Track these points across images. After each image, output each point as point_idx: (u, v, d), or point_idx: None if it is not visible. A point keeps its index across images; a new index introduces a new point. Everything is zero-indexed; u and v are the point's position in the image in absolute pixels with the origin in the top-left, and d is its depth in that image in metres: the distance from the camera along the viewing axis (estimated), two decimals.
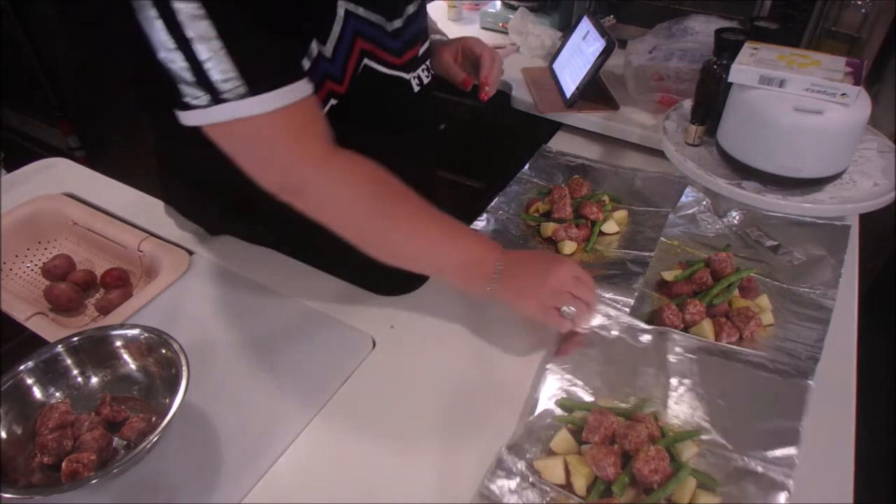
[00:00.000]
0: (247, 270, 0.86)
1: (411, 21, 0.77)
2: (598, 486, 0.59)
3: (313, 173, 0.62)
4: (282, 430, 0.65)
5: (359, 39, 0.71)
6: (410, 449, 0.64)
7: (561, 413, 0.66)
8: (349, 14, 0.68)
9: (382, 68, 0.75)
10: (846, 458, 0.62)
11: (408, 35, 0.78)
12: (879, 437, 1.39)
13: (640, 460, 0.58)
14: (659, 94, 1.20)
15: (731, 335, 0.73)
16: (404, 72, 0.79)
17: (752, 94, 0.87)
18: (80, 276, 0.89)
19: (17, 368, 0.64)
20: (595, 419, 0.62)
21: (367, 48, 0.72)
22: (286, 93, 0.58)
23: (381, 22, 0.72)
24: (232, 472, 0.62)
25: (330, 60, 0.69)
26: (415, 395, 0.69)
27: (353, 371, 0.72)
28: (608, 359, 0.71)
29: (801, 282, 0.83)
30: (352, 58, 0.71)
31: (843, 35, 1.19)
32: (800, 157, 0.86)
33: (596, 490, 0.59)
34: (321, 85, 0.70)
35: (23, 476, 0.59)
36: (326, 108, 0.72)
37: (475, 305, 0.79)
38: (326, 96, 0.72)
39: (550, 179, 1.05)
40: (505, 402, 0.68)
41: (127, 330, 0.69)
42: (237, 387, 0.70)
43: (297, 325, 0.77)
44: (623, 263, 0.85)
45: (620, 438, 0.61)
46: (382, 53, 0.74)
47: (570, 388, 0.68)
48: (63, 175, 1.08)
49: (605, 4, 1.43)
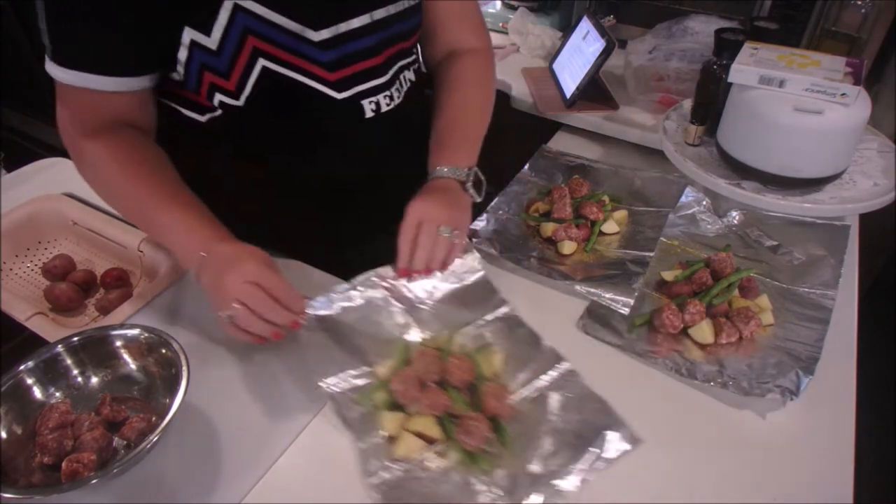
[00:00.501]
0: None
1: (355, 36, 0.72)
2: (446, 423, 0.61)
3: (69, 145, 0.73)
4: (282, 430, 0.65)
5: (251, 37, 0.66)
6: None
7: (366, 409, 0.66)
8: (238, 7, 0.65)
9: (299, 76, 0.71)
10: (846, 458, 0.62)
11: (348, 49, 0.72)
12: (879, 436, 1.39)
13: (451, 371, 0.65)
14: (659, 94, 1.20)
15: (731, 335, 0.73)
16: (335, 90, 0.73)
17: (751, 94, 0.87)
18: (80, 276, 0.89)
19: (17, 368, 0.64)
20: (397, 384, 0.65)
21: (265, 49, 0.68)
22: (77, 75, 0.65)
23: (294, 28, 0.68)
24: (232, 472, 0.62)
25: (214, 53, 0.66)
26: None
27: None
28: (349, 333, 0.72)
29: (801, 282, 0.83)
30: (241, 55, 0.67)
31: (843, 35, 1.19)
32: (800, 157, 0.86)
33: (448, 426, 0.61)
34: (200, 76, 0.68)
35: (23, 476, 0.59)
36: (216, 103, 0.71)
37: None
38: (210, 89, 0.70)
39: (550, 179, 1.05)
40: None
41: (127, 330, 0.69)
42: (237, 387, 0.70)
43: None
44: (623, 263, 0.85)
45: (422, 375, 0.66)
46: (297, 60, 0.70)
47: (354, 382, 0.68)
48: (63, 175, 1.08)
49: (605, 4, 1.43)
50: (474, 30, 0.89)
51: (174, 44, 0.66)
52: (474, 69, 0.88)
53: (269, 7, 0.66)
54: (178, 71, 0.68)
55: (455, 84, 0.86)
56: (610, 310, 0.79)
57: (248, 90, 0.70)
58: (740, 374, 0.70)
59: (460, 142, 0.82)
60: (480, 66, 0.89)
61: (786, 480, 0.61)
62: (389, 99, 0.79)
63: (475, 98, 0.86)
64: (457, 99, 0.85)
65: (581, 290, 0.81)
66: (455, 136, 0.83)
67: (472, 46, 0.88)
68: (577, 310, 0.80)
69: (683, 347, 0.74)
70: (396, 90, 0.80)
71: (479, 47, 0.89)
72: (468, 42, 0.88)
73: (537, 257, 0.87)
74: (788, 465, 0.62)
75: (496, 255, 0.87)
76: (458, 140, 0.82)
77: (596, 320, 0.78)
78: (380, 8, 0.73)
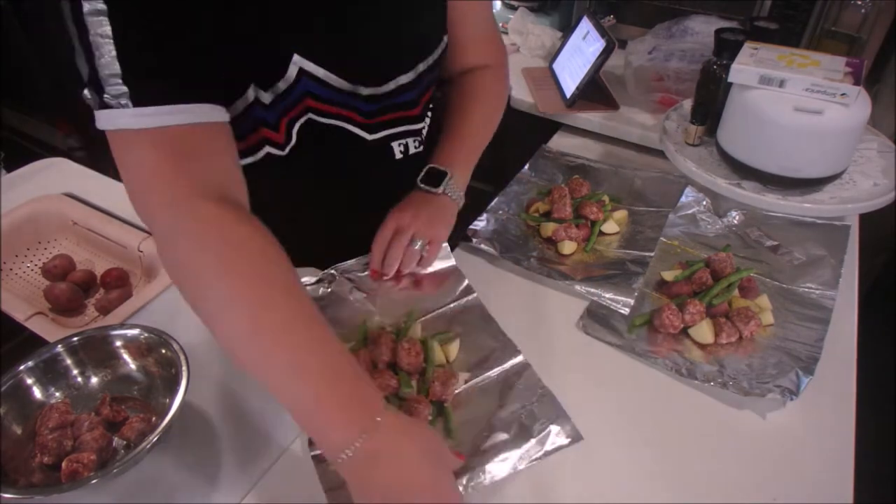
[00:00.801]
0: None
1: (401, 91, 0.73)
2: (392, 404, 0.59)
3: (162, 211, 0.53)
4: (282, 430, 0.65)
5: (308, 98, 0.68)
6: None
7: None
8: (303, 72, 0.65)
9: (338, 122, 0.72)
10: (846, 458, 0.62)
11: (392, 101, 0.74)
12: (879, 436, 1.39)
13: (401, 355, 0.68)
14: (659, 94, 1.20)
15: (731, 335, 0.73)
16: (367, 132, 0.75)
17: (752, 94, 0.87)
18: (80, 276, 0.89)
19: (17, 368, 0.64)
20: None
21: (317, 106, 0.69)
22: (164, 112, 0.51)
23: (346, 87, 0.69)
24: (232, 472, 0.62)
25: (267, 107, 0.65)
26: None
27: None
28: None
29: (801, 282, 0.83)
30: (293, 111, 0.68)
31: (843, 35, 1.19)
32: (800, 157, 0.86)
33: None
34: (254, 129, 0.67)
35: (23, 476, 0.59)
36: (261, 155, 0.70)
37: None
38: (259, 142, 0.69)
39: (550, 179, 1.05)
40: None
41: (127, 330, 0.69)
42: (237, 387, 0.70)
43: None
44: (623, 263, 0.85)
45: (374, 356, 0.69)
46: (341, 111, 0.71)
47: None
48: (63, 175, 1.09)
49: (605, 4, 1.43)
50: (491, 48, 0.89)
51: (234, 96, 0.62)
52: (486, 84, 0.88)
53: (329, 70, 0.66)
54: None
55: (465, 100, 0.86)
56: (610, 310, 0.79)
57: (293, 140, 0.71)
58: (740, 374, 0.70)
59: (451, 150, 0.83)
60: (492, 81, 0.88)
61: (786, 480, 0.61)
62: (419, 142, 0.82)
63: (481, 110, 0.86)
64: (463, 111, 0.86)
65: (581, 290, 0.81)
66: (450, 142, 0.83)
67: (486, 63, 0.88)
68: (577, 310, 0.80)
69: (683, 347, 0.74)
70: (426, 128, 0.84)
71: (494, 63, 0.89)
72: (484, 60, 0.88)
73: (537, 257, 0.87)
74: (788, 465, 0.62)
75: (496, 255, 0.87)
76: (449, 148, 0.83)
77: (596, 320, 0.78)
78: (423, 61, 0.74)
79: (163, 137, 0.52)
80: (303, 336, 0.50)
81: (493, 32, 0.89)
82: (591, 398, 0.69)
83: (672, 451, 0.64)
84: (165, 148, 0.52)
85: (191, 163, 0.53)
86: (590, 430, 0.65)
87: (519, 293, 0.80)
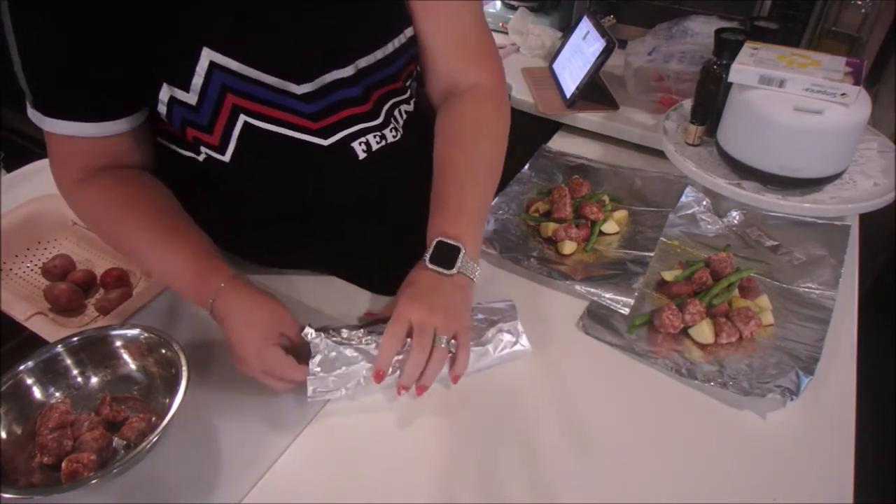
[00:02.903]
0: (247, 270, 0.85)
1: (341, 86, 0.68)
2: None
3: (65, 195, 0.70)
4: (282, 430, 0.65)
5: (229, 94, 0.63)
6: (412, 448, 0.64)
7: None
8: (215, 66, 0.61)
9: (282, 129, 0.67)
10: (846, 458, 0.62)
11: (333, 99, 0.68)
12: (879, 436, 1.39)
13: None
14: (659, 94, 1.20)
15: (731, 335, 0.73)
16: (320, 137, 0.69)
17: (752, 94, 0.87)
18: (80, 276, 0.89)
19: (17, 368, 0.64)
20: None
21: (246, 106, 0.65)
22: (59, 124, 0.63)
23: (274, 83, 0.65)
24: (232, 472, 0.62)
25: (193, 109, 0.64)
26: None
27: None
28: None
29: (801, 282, 0.83)
30: (221, 112, 0.65)
31: (843, 35, 1.19)
32: (800, 157, 0.86)
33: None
34: (183, 130, 0.67)
35: (23, 476, 0.59)
36: (202, 158, 0.69)
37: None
38: (195, 143, 0.68)
39: (550, 179, 1.05)
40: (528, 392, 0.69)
41: (127, 330, 0.69)
42: (237, 387, 0.70)
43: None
44: (623, 263, 0.85)
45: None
46: (280, 114, 0.67)
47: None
48: None
49: (605, 4, 1.43)
50: (476, 58, 0.76)
51: (153, 98, 0.64)
52: (477, 113, 0.75)
53: (246, 63, 0.62)
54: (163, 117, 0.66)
55: (455, 135, 0.74)
56: (610, 310, 0.79)
57: (232, 146, 0.67)
58: (740, 374, 0.70)
59: (458, 211, 0.71)
60: (484, 108, 0.76)
61: (786, 480, 0.61)
62: (381, 138, 0.73)
63: (478, 153, 0.74)
64: (457, 155, 0.73)
65: (581, 290, 0.81)
66: (452, 203, 0.71)
67: (474, 80, 0.76)
68: (577, 310, 0.80)
69: (683, 347, 0.74)
70: (392, 130, 0.75)
71: (484, 81, 0.76)
72: (469, 74, 0.76)
73: (537, 257, 0.87)
74: (788, 465, 0.62)
75: (496, 255, 0.87)
76: (455, 209, 0.71)
77: (596, 320, 0.78)
78: (365, 56, 0.69)
79: (61, 139, 0.65)
80: (169, 229, 0.68)
81: (479, 39, 0.76)
82: (591, 398, 0.69)
83: (672, 451, 0.64)
84: (63, 146, 0.67)
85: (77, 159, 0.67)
86: (590, 430, 0.65)
87: (519, 293, 0.80)
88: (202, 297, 0.66)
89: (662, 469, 0.62)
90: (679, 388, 0.70)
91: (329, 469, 0.63)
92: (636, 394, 0.69)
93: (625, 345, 0.74)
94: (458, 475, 0.61)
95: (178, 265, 0.67)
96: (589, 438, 0.64)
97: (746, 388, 0.67)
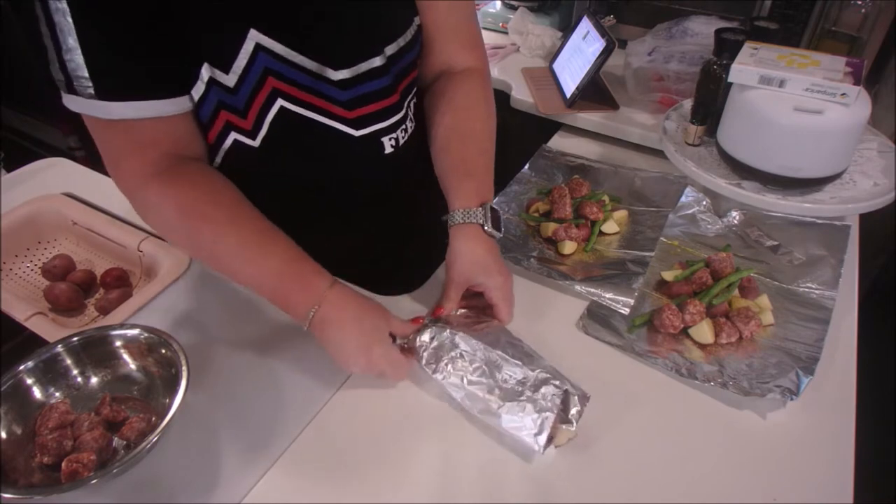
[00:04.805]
0: None
1: (374, 76, 0.70)
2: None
3: (131, 192, 0.66)
4: (282, 430, 0.65)
5: (270, 77, 0.64)
6: (412, 448, 0.64)
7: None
8: (260, 48, 0.62)
9: (317, 116, 0.70)
10: (846, 458, 0.62)
11: (366, 89, 0.70)
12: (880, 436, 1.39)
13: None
14: (659, 94, 1.20)
15: (731, 335, 0.73)
16: (353, 128, 0.72)
17: (752, 94, 0.87)
18: (80, 276, 0.89)
19: (17, 368, 0.64)
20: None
21: (284, 89, 0.66)
22: (131, 106, 0.60)
23: (313, 68, 0.66)
24: (232, 472, 0.62)
25: (231, 91, 0.64)
26: (416, 394, 0.69)
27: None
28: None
29: (801, 282, 0.83)
30: (259, 95, 0.65)
31: (843, 35, 1.19)
32: (800, 157, 0.86)
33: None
34: (215, 114, 0.66)
35: (23, 476, 0.59)
36: (229, 144, 0.69)
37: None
38: (225, 128, 0.68)
39: (550, 179, 1.05)
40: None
41: (127, 330, 0.69)
42: (237, 387, 0.70)
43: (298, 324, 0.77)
44: (623, 263, 0.85)
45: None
46: (315, 100, 0.68)
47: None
48: (63, 175, 1.08)
49: (605, 4, 1.43)
50: (469, 46, 0.82)
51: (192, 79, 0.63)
52: (473, 92, 0.81)
53: (290, 47, 0.64)
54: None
55: (455, 111, 0.79)
56: (610, 310, 0.79)
57: (264, 130, 0.68)
58: (740, 374, 0.70)
59: (472, 178, 0.77)
60: (478, 89, 0.82)
61: (786, 480, 0.61)
62: (405, 132, 0.79)
63: (479, 126, 0.80)
64: (461, 129, 0.79)
65: (581, 290, 0.81)
66: (466, 172, 0.77)
67: (466, 65, 0.82)
68: (577, 310, 0.80)
69: (683, 347, 0.74)
70: (410, 121, 0.80)
71: (474, 66, 0.82)
72: (462, 60, 0.82)
73: (537, 257, 0.87)
74: (788, 465, 0.62)
75: None
76: (469, 176, 0.77)
77: (596, 320, 0.78)
78: (391, 44, 0.71)
79: (125, 127, 0.61)
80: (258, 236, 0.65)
81: (472, 30, 0.83)
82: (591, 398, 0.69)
83: (672, 451, 0.64)
84: (127, 136, 0.62)
85: (148, 150, 0.64)
86: (590, 430, 0.65)
87: (519, 293, 0.80)
88: (304, 302, 0.64)
89: (662, 469, 0.62)
90: (679, 388, 0.70)
91: (329, 469, 0.62)
92: (636, 394, 0.69)
93: (625, 345, 0.74)
94: (458, 475, 0.61)
95: (275, 269, 0.65)
96: (588, 438, 0.64)
97: (746, 388, 0.67)
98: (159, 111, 0.62)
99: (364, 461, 0.63)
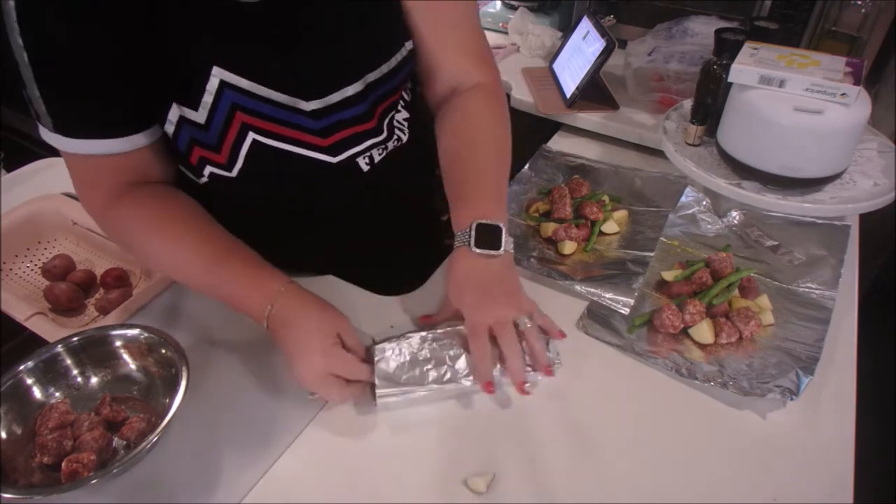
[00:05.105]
0: None
1: (349, 104, 0.69)
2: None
3: (95, 216, 0.70)
4: (282, 430, 0.65)
5: (239, 112, 0.64)
6: (412, 448, 0.64)
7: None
8: (225, 84, 0.62)
9: (291, 147, 0.69)
10: (846, 458, 0.62)
11: (341, 116, 0.69)
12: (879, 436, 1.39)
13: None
14: (659, 94, 1.20)
15: (731, 335, 0.73)
16: (330, 155, 0.71)
17: (752, 94, 0.87)
18: (80, 276, 0.89)
19: (17, 368, 0.64)
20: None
21: (255, 123, 0.65)
22: (85, 143, 0.62)
23: (284, 101, 0.65)
24: (232, 472, 0.62)
25: (202, 127, 0.64)
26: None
27: None
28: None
29: (801, 282, 0.83)
30: (230, 130, 0.65)
31: (843, 35, 1.19)
32: (800, 157, 0.86)
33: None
34: (189, 150, 0.67)
35: (23, 476, 0.59)
36: (206, 176, 0.69)
37: None
38: (200, 163, 0.68)
39: (550, 179, 1.05)
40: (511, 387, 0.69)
41: (127, 330, 0.69)
42: (237, 387, 0.70)
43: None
44: (623, 263, 0.85)
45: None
46: (288, 131, 0.68)
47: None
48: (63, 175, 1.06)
49: (605, 4, 1.43)
50: (478, 61, 0.79)
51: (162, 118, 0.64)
52: (485, 109, 0.78)
53: (256, 81, 0.63)
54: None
55: (454, 135, 0.77)
56: (610, 310, 0.79)
57: (239, 163, 0.68)
58: (740, 374, 0.70)
59: (464, 201, 0.73)
60: (491, 104, 0.79)
61: (786, 480, 0.61)
62: (384, 149, 0.77)
63: (480, 145, 0.76)
64: (459, 153, 0.76)
65: (581, 290, 0.81)
66: (458, 196, 0.74)
67: (475, 81, 0.79)
68: (577, 310, 0.80)
69: (683, 347, 0.74)
70: (395, 141, 0.79)
71: (483, 81, 0.79)
72: (472, 76, 0.79)
73: (537, 257, 0.87)
74: (788, 465, 0.62)
75: None
76: (460, 200, 0.73)
77: (596, 320, 0.78)
78: (373, 71, 0.69)
79: (84, 159, 0.64)
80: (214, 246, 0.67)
81: (479, 44, 0.79)
82: (591, 398, 0.69)
83: (672, 451, 0.64)
84: (87, 167, 0.65)
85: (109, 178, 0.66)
86: (590, 431, 0.65)
87: None
88: (259, 302, 0.65)
89: (662, 469, 0.62)
90: (679, 388, 0.70)
91: (329, 469, 0.62)
92: (636, 394, 0.69)
93: (625, 345, 0.74)
94: (458, 475, 0.61)
95: (231, 272, 0.66)
96: (589, 438, 0.64)
97: (746, 388, 0.67)
98: (116, 149, 0.63)
99: (365, 459, 0.63)
